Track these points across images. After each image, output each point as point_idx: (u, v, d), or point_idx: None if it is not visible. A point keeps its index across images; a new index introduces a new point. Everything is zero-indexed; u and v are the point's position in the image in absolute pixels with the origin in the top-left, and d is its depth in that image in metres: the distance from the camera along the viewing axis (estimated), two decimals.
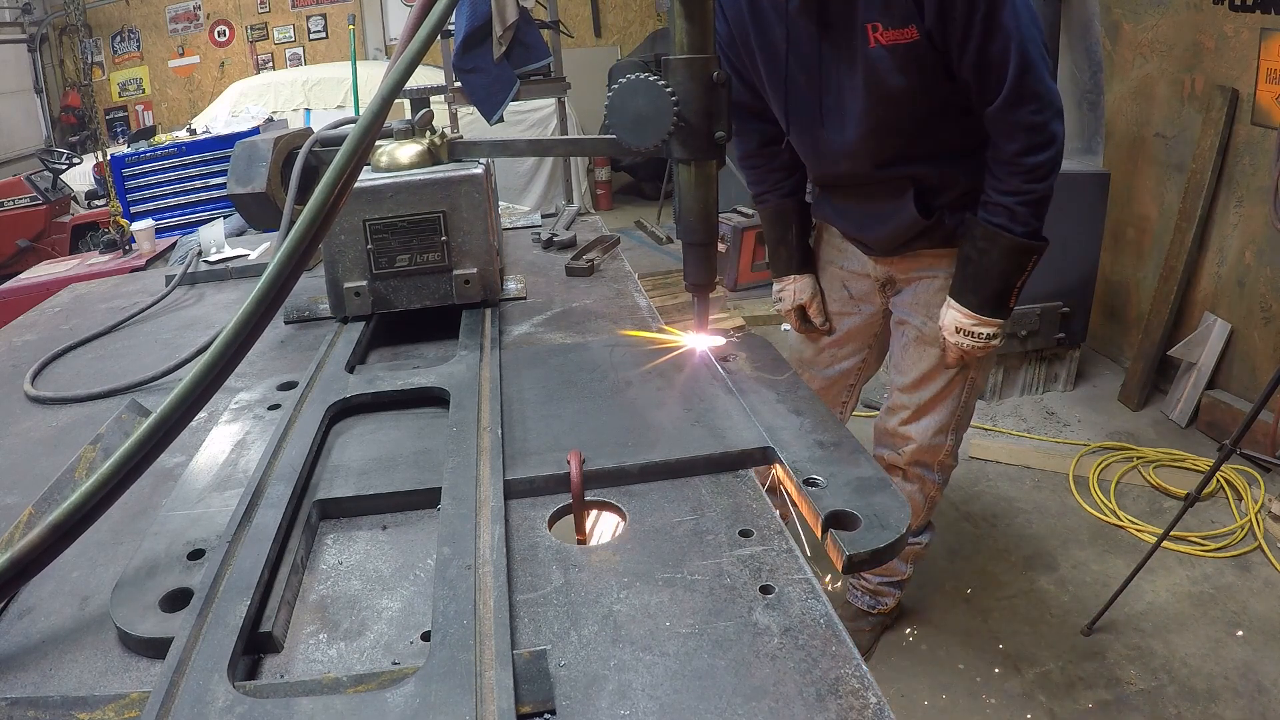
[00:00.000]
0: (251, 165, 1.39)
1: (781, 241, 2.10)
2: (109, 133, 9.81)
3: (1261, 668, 2.26)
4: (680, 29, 0.95)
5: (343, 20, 9.65)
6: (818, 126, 1.77)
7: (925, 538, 2.29)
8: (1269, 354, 3.24)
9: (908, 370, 2.02)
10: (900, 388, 2.05)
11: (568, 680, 0.62)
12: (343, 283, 1.34)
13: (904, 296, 1.99)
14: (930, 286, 1.92)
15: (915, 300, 1.95)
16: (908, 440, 2.05)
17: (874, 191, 1.83)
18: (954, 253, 1.83)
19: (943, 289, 1.87)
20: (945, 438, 2.05)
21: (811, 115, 1.76)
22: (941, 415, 2.02)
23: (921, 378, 1.99)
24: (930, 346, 1.95)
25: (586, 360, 1.18)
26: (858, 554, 0.72)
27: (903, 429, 2.06)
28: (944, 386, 1.98)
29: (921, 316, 1.95)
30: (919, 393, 2.01)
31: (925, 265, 1.91)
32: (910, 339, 1.99)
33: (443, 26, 0.85)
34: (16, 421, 1.24)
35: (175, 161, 5.90)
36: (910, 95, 1.63)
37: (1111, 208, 3.70)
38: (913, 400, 2.03)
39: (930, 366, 1.97)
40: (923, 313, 1.94)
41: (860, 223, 1.93)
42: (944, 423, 2.03)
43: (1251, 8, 3.12)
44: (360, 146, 0.80)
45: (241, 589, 0.69)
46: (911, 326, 1.98)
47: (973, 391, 2.02)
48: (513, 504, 0.84)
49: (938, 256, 1.88)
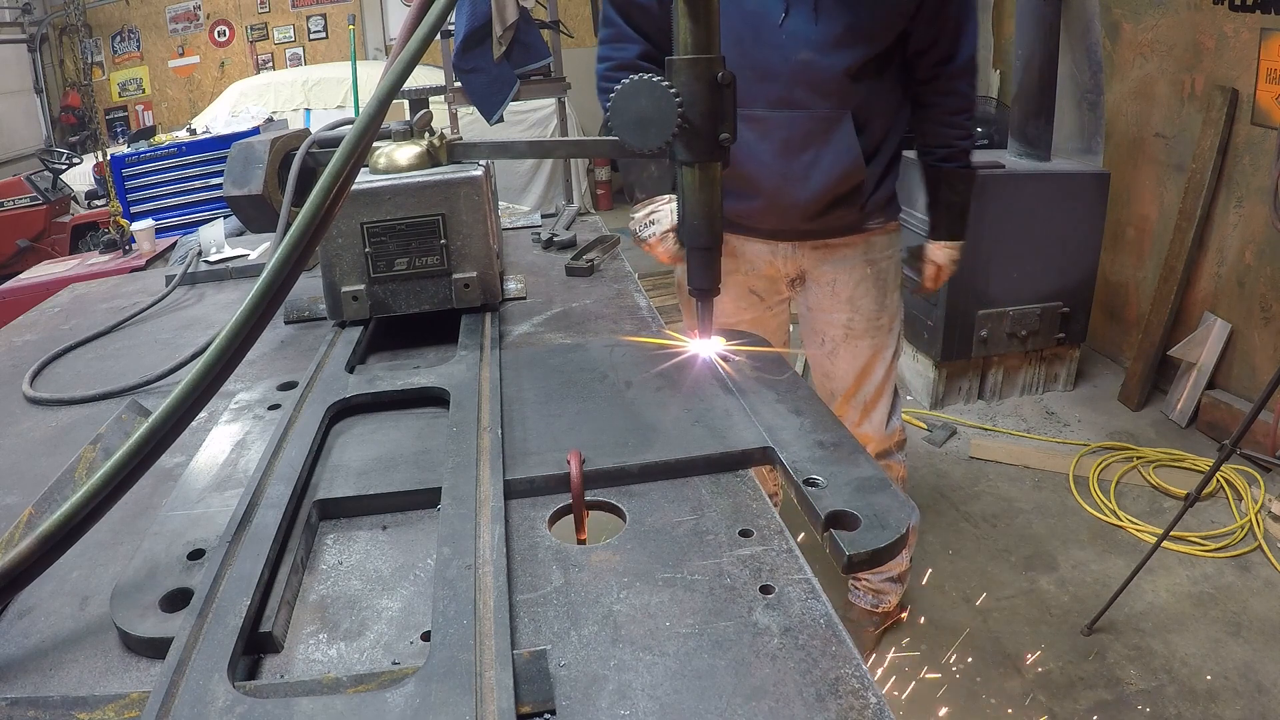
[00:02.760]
0: (248, 167, 1.39)
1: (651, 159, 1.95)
2: (109, 133, 9.81)
3: (1261, 668, 2.26)
4: (684, 28, 0.94)
5: (343, 20, 9.65)
6: (778, 13, 1.65)
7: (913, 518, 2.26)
8: (1269, 354, 3.23)
9: (845, 372, 2.03)
10: (842, 394, 2.06)
11: (568, 680, 0.62)
12: (340, 286, 1.32)
13: (820, 297, 1.98)
14: (849, 280, 1.93)
15: (836, 297, 1.96)
16: (867, 442, 2.07)
17: (811, 125, 1.72)
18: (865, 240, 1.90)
19: (863, 281, 1.91)
20: (895, 418, 2.10)
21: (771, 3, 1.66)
22: (886, 401, 2.07)
23: (860, 374, 2.02)
24: (862, 339, 1.97)
25: (586, 360, 1.18)
26: (858, 554, 0.73)
27: (858, 432, 2.06)
28: (883, 374, 2.03)
29: (848, 312, 1.97)
30: (861, 390, 2.04)
31: (839, 256, 1.92)
32: (839, 340, 2.00)
33: (440, 27, 0.84)
34: (16, 422, 1.24)
35: (175, 161, 5.90)
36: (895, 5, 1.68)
37: (1111, 208, 3.70)
38: (858, 399, 2.05)
39: (866, 359, 2.00)
40: (848, 308, 1.96)
41: (783, 171, 1.77)
42: (889, 405, 2.08)
43: (1251, 8, 3.12)
44: (357, 148, 0.80)
45: (241, 589, 0.69)
46: (837, 325, 1.99)
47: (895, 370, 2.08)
48: (513, 504, 0.84)
49: (849, 245, 1.90)
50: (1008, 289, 3.47)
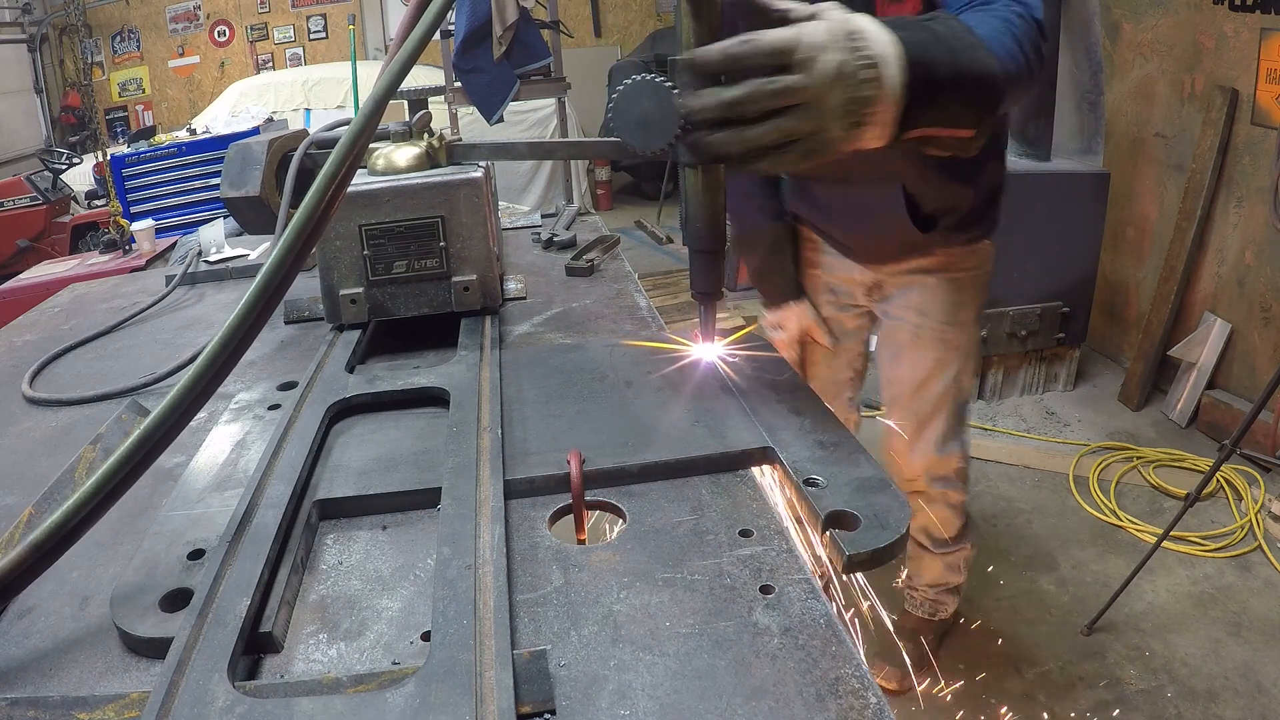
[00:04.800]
0: (245, 168, 1.38)
1: (775, 268, 1.97)
2: (109, 133, 9.82)
3: (1261, 668, 2.26)
4: (687, 28, 0.92)
5: (343, 20, 9.65)
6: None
7: (969, 540, 2.21)
8: (1269, 354, 3.24)
9: (904, 380, 1.96)
10: (899, 402, 1.99)
11: (568, 680, 0.62)
12: (338, 289, 1.30)
13: (894, 302, 1.92)
14: (923, 287, 1.85)
15: (907, 301, 1.89)
16: (917, 461, 2.00)
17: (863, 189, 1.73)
18: (950, 259, 1.78)
19: (936, 289, 1.82)
20: (953, 443, 1.99)
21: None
22: (943, 421, 1.96)
23: (919, 385, 1.94)
24: (927, 349, 1.89)
25: (586, 360, 1.17)
26: (858, 554, 0.72)
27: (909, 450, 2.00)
28: (943, 390, 1.93)
29: (916, 318, 1.88)
30: (917, 402, 1.95)
31: (914, 267, 1.84)
32: (904, 344, 1.93)
33: (439, 26, 0.84)
34: (16, 421, 1.24)
35: (175, 161, 5.91)
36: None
37: (1111, 208, 3.70)
38: (912, 410, 1.97)
39: (928, 371, 1.91)
40: (917, 314, 1.88)
41: (846, 221, 1.82)
42: (947, 426, 1.97)
43: (1251, 8, 3.12)
44: (353, 149, 0.80)
45: (241, 589, 0.69)
46: (905, 330, 1.91)
47: (964, 395, 1.97)
48: (513, 504, 0.84)
49: (934, 261, 1.82)
50: (1007, 289, 3.47)
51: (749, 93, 0.82)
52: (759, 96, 0.82)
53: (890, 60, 0.82)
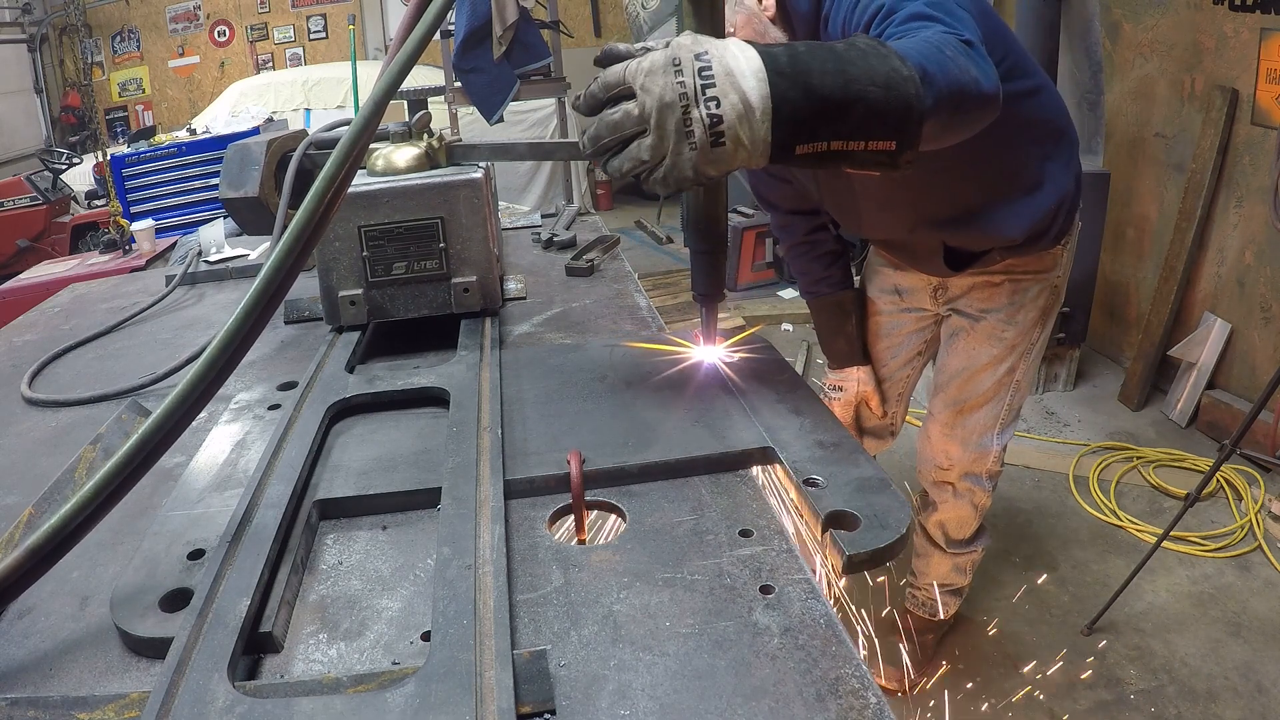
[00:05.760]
0: (244, 169, 1.37)
1: (839, 333, 2.06)
2: (109, 133, 9.82)
3: (1261, 668, 2.26)
4: (690, 28, 0.93)
5: (343, 20, 9.65)
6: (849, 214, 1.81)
7: (980, 544, 2.21)
8: (1269, 354, 3.23)
9: (952, 368, 1.95)
10: (943, 388, 1.99)
11: (568, 680, 0.62)
12: (337, 291, 1.30)
13: (958, 301, 1.93)
14: (986, 286, 1.86)
15: (970, 300, 1.90)
16: (952, 451, 2.00)
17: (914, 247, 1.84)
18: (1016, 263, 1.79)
19: (999, 289, 1.83)
20: (992, 441, 1.97)
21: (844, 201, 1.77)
22: (985, 417, 1.95)
23: (966, 377, 1.93)
24: (980, 344, 1.88)
25: (586, 360, 1.17)
26: (858, 554, 0.72)
27: (946, 437, 2.00)
28: (990, 387, 1.92)
29: (974, 312, 1.89)
30: (962, 394, 1.94)
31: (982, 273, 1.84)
32: (958, 332, 1.93)
33: (439, 26, 0.84)
34: (16, 421, 1.24)
35: (175, 162, 5.90)
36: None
37: (1111, 208, 3.70)
38: (952, 399, 1.96)
39: (978, 365, 1.90)
40: (976, 308, 1.88)
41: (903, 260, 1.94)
42: (988, 423, 1.95)
43: (1251, 8, 3.11)
44: (353, 149, 0.80)
45: (241, 589, 0.69)
46: (962, 320, 1.92)
47: (1018, 391, 1.94)
48: (513, 504, 0.84)
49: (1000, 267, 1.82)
50: None
51: (596, 128, 0.85)
52: (602, 130, 0.84)
53: (742, 74, 0.79)
